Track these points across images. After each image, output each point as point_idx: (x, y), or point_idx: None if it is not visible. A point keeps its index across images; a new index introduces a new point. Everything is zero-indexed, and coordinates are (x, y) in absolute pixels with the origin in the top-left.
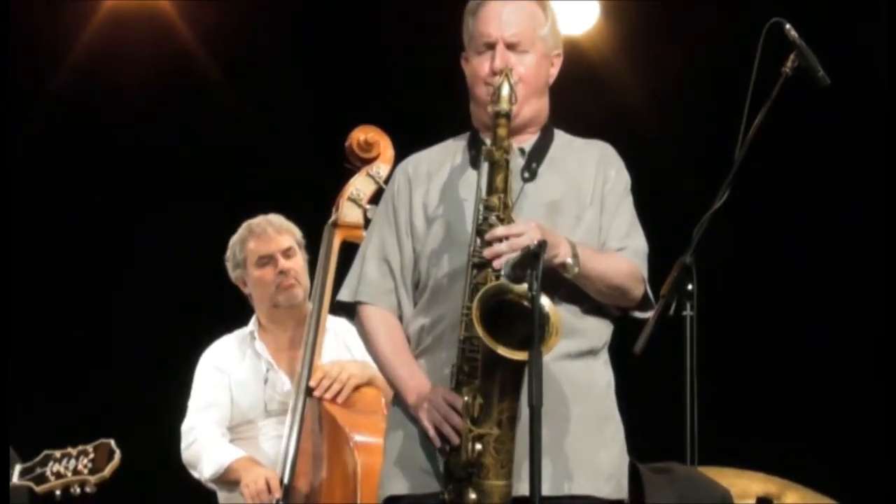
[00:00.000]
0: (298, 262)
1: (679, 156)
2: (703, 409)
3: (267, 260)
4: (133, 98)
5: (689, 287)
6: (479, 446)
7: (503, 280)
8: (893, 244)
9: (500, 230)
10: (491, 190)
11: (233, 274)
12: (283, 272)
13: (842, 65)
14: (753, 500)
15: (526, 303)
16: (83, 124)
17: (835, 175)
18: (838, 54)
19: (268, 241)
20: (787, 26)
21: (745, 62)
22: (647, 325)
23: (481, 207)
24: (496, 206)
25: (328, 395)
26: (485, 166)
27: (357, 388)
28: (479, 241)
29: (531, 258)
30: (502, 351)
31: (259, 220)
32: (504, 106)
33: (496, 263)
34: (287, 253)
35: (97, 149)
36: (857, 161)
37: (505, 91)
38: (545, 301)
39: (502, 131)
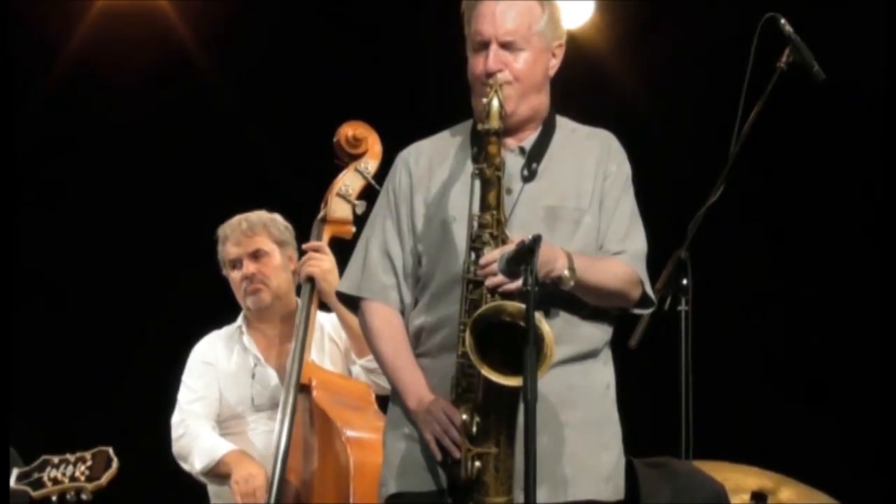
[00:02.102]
0: (270, 262)
1: (674, 151)
2: (698, 404)
3: (235, 263)
4: (127, 94)
5: (685, 282)
6: (478, 464)
7: (497, 300)
8: (890, 238)
9: (494, 253)
10: (484, 207)
11: (222, 271)
12: (246, 277)
13: (837, 59)
14: (748, 495)
15: (521, 323)
16: (77, 121)
17: (830, 170)
18: (833, 49)
19: (236, 244)
20: (782, 21)
21: (741, 57)
22: (643, 319)
23: (475, 224)
24: (489, 222)
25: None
26: (477, 184)
27: (347, 383)
28: (473, 255)
29: (526, 253)
30: (495, 377)
31: (233, 222)
32: (494, 124)
33: (488, 283)
34: (255, 255)
35: (91, 146)
36: (853, 155)
37: (494, 107)
38: (543, 326)
39: (493, 149)
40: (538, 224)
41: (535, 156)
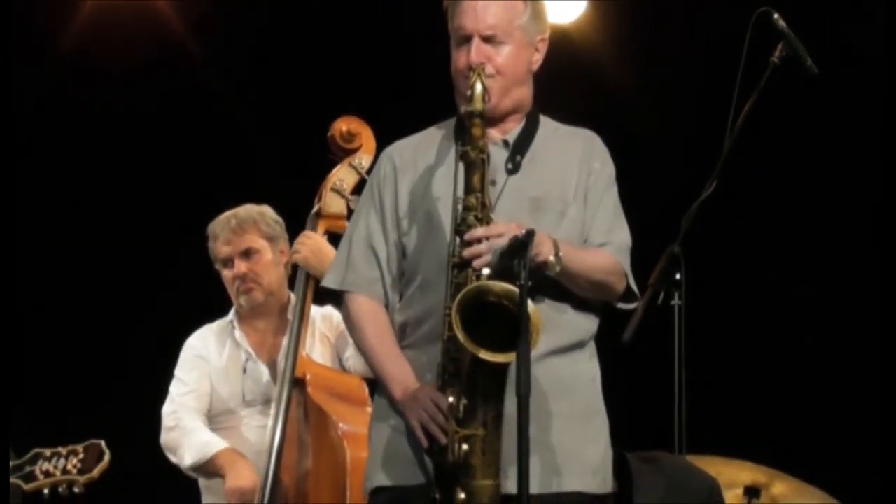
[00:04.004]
0: (262, 260)
1: (668, 145)
2: (691, 398)
3: (226, 262)
4: (121, 89)
5: (678, 276)
6: (465, 447)
7: (483, 281)
8: (885, 233)
9: (479, 231)
10: (468, 189)
11: (214, 265)
12: (238, 277)
13: (830, 54)
14: (741, 490)
15: (507, 303)
16: (73, 117)
17: (824, 164)
18: (827, 43)
19: (226, 243)
20: (775, 16)
21: (734, 52)
22: (636, 314)
23: (459, 208)
24: (474, 205)
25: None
26: (461, 166)
27: (341, 377)
28: (458, 240)
29: (519, 247)
30: (483, 354)
31: (222, 219)
32: (477, 106)
33: (476, 264)
34: (246, 253)
35: (89, 143)
36: (848, 150)
37: (478, 90)
38: (528, 302)
39: (477, 131)
40: (523, 215)
41: (519, 148)
